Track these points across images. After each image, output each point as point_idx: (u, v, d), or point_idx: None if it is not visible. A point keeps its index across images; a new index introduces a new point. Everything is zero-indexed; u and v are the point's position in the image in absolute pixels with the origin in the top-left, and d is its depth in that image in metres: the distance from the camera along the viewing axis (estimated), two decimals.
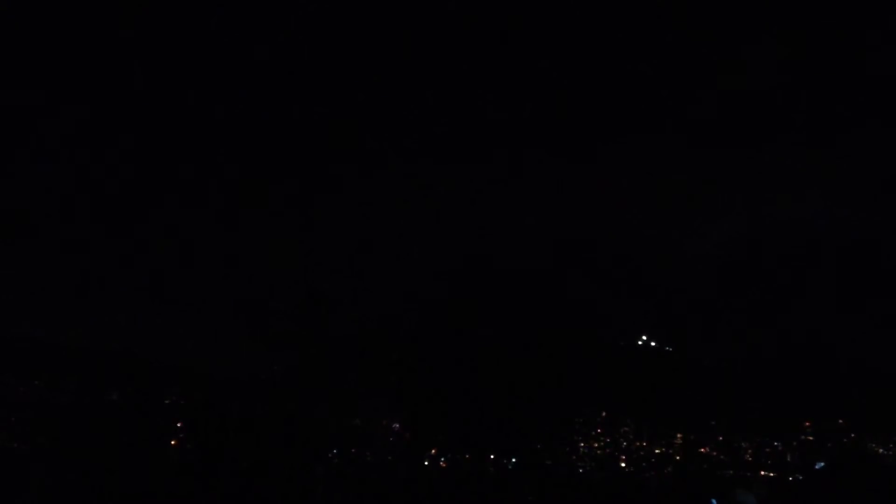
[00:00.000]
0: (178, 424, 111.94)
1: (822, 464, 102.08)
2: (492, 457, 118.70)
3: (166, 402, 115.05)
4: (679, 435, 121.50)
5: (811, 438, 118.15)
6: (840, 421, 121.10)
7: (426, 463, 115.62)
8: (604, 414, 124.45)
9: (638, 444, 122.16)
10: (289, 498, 33.40)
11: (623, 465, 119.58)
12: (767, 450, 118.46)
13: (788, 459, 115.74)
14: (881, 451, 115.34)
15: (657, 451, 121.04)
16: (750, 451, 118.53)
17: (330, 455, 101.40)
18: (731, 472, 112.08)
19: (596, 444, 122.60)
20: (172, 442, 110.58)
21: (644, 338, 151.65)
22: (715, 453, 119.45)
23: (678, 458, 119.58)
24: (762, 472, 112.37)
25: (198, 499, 30.83)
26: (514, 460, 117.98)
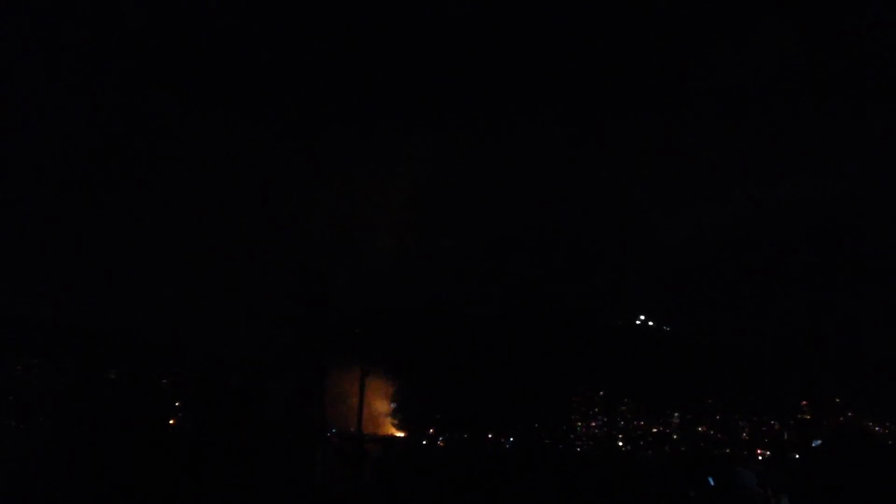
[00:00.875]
0: (177, 403, 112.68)
1: (819, 441, 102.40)
2: (490, 436, 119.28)
3: (164, 381, 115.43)
4: (676, 414, 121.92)
5: (808, 417, 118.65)
6: (836, 400, 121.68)
7: (424, 442, 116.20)
8: (602, 393, 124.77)
9: (636, 423, 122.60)
10: (288, 476, 33.33)
11: (620, 443, 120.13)
12: (764, 428, 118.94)
13: (785, 438, 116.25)
14: (877, 429, 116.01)
15: (654, 430, 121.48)
16: (747, 429, 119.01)
17: (329, 434, 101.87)
18: (729, 450, 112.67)
19: (594, 424, 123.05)
20: (171, 421, 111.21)
21: (642, 317, 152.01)
22: (712, 432, 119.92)
23: (675, 436, 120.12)
24: (759, 451, 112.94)
25: (196, 477, 30.74)
26: (511, 439, 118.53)
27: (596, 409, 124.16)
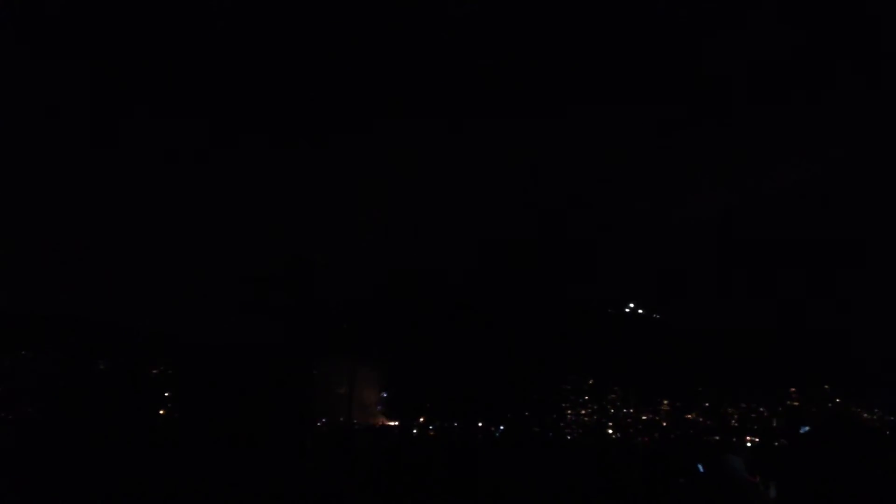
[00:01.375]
0: (166, 394, 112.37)
1: (807, 428, 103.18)
2: (479, 424, 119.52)
3: (154, 371, 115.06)
4: (665, 401, 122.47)
5: (796, 404, 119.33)
6: (825, 387, 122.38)
7: (414, 431, 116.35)
8: (591, 381, 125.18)
9: (625, 410, 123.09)
10: (277, 466, 33.26)
11: (610, 431, 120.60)
12: (753, 415, 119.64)
13: (774, 424, 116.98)
14: (865, 415, 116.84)
15: (644, 417, 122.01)
16: (736, 416, 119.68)
17: (319, 423, 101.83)
18: (718, 437, 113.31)
19: (583, 411, 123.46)
20: (161, 411, 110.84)
21: (631, 305, 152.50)
22: (701, 419, 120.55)
23: (665, 424, 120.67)
24: (748, 437, 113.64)
25: (185, 467, 30.63)
26: (501, 428, 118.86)
27: (586, 398, 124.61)
